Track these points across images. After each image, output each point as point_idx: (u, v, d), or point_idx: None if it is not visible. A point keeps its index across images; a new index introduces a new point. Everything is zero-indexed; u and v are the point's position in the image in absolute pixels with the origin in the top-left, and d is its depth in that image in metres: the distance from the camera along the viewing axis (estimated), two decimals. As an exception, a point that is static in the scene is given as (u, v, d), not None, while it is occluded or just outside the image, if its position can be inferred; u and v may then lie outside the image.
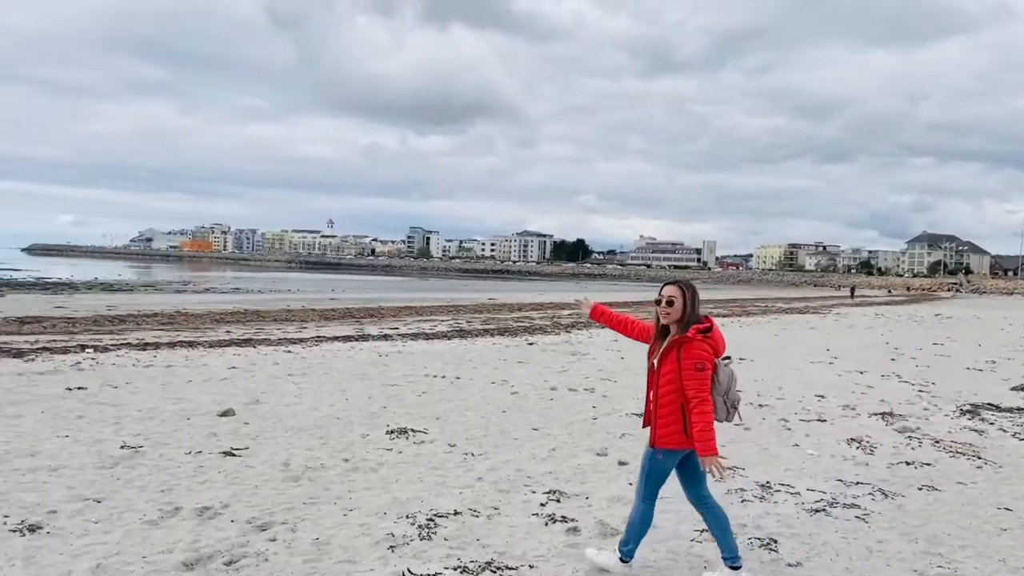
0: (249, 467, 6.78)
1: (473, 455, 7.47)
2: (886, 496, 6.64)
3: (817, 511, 6.15)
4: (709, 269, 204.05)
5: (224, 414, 9.05)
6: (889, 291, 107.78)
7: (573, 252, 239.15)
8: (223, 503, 5.73)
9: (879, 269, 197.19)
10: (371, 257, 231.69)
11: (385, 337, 19.60)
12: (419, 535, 5.23)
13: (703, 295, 4.68)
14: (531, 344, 18.78)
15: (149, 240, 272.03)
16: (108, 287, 44.97)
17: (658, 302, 4.48)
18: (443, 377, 12.59)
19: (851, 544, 5.45)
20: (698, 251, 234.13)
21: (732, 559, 4.61)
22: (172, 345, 16.08)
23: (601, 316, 5.09)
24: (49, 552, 4.67)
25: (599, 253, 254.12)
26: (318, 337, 18.93)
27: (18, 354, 13.76)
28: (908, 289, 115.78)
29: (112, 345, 15.67)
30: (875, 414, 10.49)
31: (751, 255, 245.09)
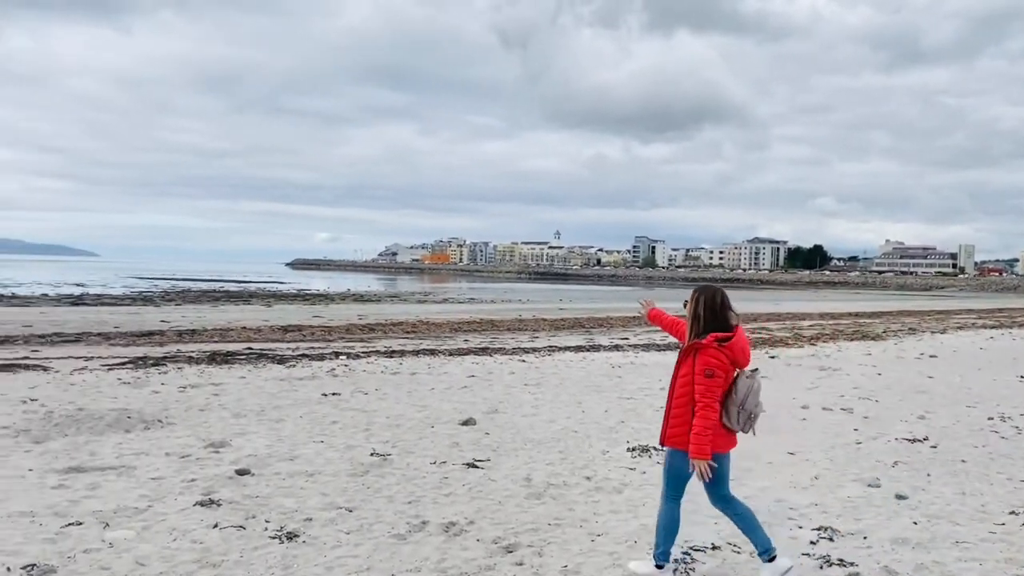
0: (491, 480, 6.64)
1: (724, 479, 6.85)
2: None
3: None
4: (964, 274, 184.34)
5: (465, 423, 9.09)
6: None
7: (809, 259, 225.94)
8: (468, 519, 5.59)
9: None
10: (596, 267, 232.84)
11: (616, 348, 19.24)
12: (674, 570, 4.75)
13: (954, 304, 3.81)
14: (772, 357, 17.58)
15: (394, 254, 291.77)
16: (359, 298, 48.41)
17: (685, 304, 4.64)
18: (681, 391, 11.97)
19: None
20: (953, 256, 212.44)
21: (767, 552, 4.62)
22: (416, 353, 16.73)
23: (656, 319, 5.15)
24: (304, 563, 4.72)
25: (838, 260, 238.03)
26: (550, 347, 18.94)
27: (281, 360, 14.89)
28: None
29: (363, 352, 16.58)
30: None
31: (1016, 259, 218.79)
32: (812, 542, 5.33)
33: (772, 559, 4.59)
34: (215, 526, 5.30)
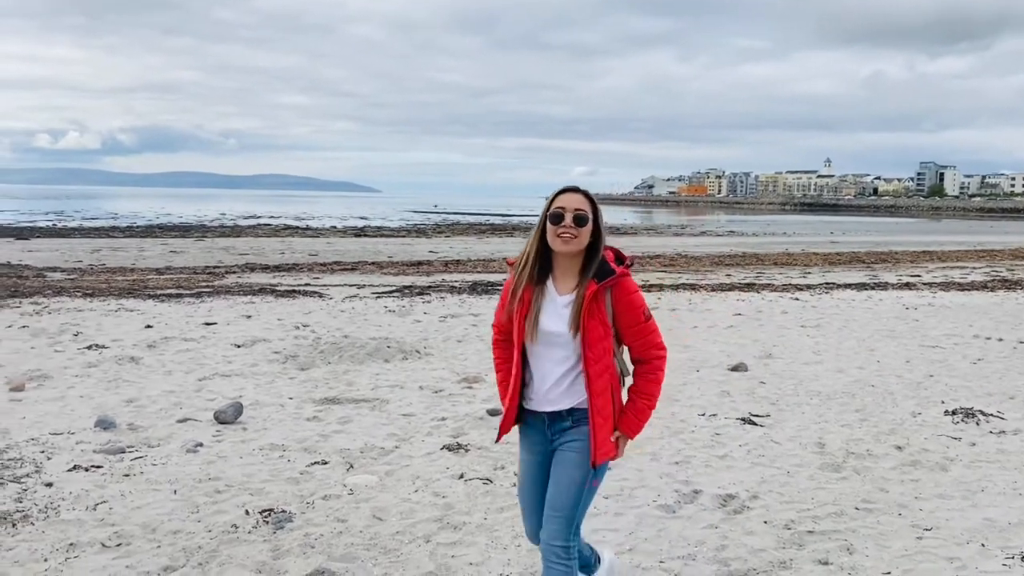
0: (775, 443, 5.59)
1: (1091, 462, 5.27)
2: None
3: None
4: None
5: (735, 368, 8.04)
6: None
7: None
8: (750, 492, 4.61)
9: None
10: (872, 197, 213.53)
11: (907, 286, 16.92)
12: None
13: None
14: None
15: (650, 187, 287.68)
16: (615, 230, 47.91)
17: (556, 218, 2.80)
18: (999, 340, 9.96)
19: None
20: None
21: None
22: (675, 287, 15.76)
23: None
24: None
25: None
26: (826, 284, 17.11)
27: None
28: None
29: (619, 286, 15.90)
30: None
31: None
32: None
33: None
34: (460, 476, 4.79)
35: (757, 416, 6.27)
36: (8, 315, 10.54)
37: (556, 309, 2.82)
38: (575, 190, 2.85)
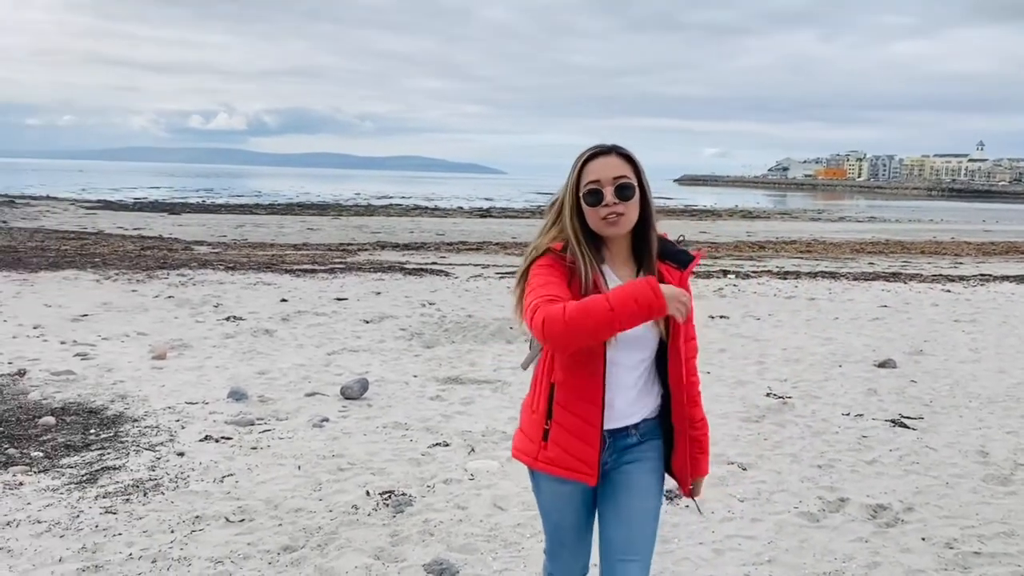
0: (930, 449, 5.09)
1: None
2: None
3: None
4: None
5: (882, 365, 7.47)
6: None
7: None
8: (904, 503, 4.18)
9: None
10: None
11: (1076, 280, 15.44)
12: None
13: None
14: None
15: (785, 169, 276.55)
16: (747, 214, 46.19)
17: (594, 198, 2.17)
18: None
19: None
20: None
21: None
22: (812, 275, 14.95)
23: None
24: (686, 538, 3.70)
25: None
26: (981, 275, 15.83)
27: (665, 276, 14.16)
28: None
29: (752, 272, 15.22)
30: None
31: None
32: None
33: None
34: (585, 468, 4.60)
35: (909, 418, 5.75)
36: (157, 285, 11.11)
37: None
38: (607, 151, 2.22)
